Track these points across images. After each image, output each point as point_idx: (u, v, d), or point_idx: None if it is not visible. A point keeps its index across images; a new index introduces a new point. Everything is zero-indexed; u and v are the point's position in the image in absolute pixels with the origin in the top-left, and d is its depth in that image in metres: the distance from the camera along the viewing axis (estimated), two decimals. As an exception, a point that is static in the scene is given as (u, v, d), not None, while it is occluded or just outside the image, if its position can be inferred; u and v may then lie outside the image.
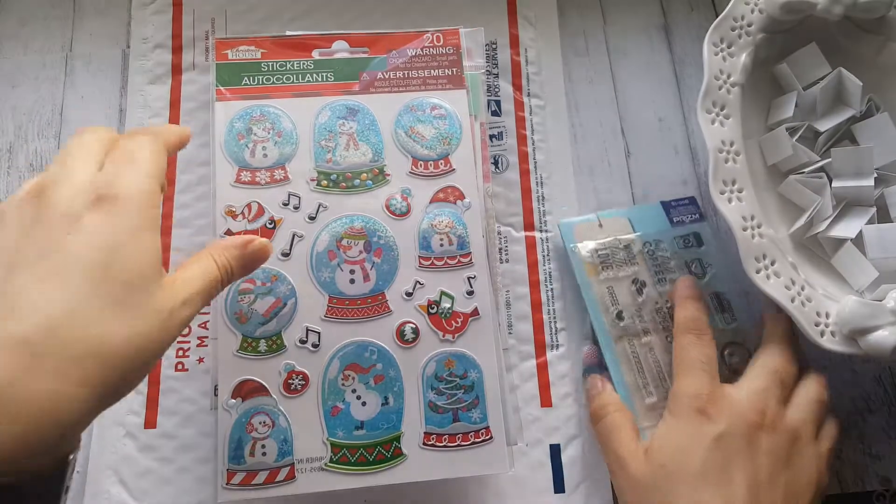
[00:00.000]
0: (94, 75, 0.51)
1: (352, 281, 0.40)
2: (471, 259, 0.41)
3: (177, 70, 0.51)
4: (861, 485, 0.44)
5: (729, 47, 0.42)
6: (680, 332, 0.40)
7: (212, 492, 0.43)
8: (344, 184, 0.41)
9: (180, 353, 0.45)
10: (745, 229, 0.39)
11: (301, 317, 0.39)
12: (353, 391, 0.38)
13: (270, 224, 0.40)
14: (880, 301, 0.39)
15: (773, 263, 0.39)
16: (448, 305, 0.40)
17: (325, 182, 0.41)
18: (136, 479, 0.43)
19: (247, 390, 0.38)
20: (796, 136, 0.44)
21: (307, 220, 0.41)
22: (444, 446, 0.38)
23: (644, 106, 0.52)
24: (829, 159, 0.44)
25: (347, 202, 0.41)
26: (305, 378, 0.38)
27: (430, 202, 0.42)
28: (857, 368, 0.47)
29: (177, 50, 0.51)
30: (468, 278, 0.40)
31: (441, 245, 0.41)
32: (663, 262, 0.46)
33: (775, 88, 0.47)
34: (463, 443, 0.38)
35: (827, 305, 0.39)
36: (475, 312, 0.40)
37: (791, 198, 0.45)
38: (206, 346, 0.45)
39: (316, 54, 0.45)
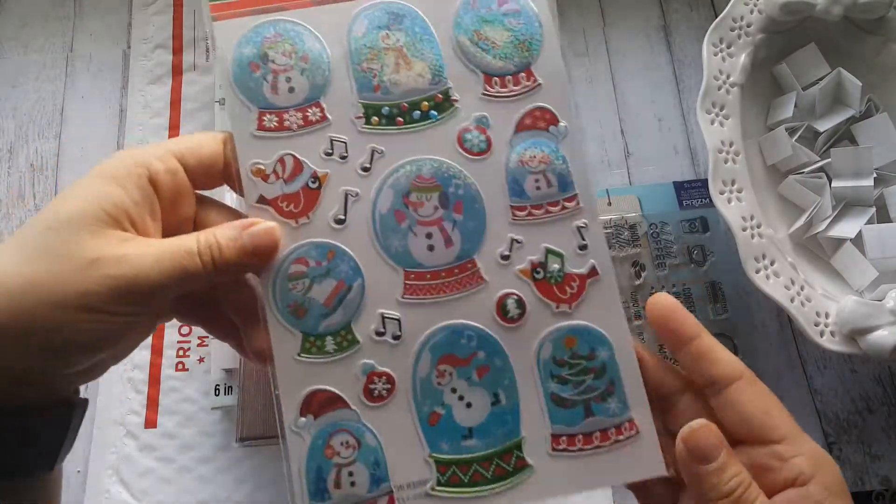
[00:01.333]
0: (94, 75, 0.51)
1: (430, 248, 0.31)
2: (577, 202, 0.32)
3: (177, 70, 0.51)
4: (861, 485, 0.44)
5: (728, 48, 0.42)
6: None
7: (212, 490, 0.43)
8: (400, 118, 0.32)
9: (181, 352, 0.45)
10: (744, 229, 0.39)
11: (373, 301, 0.30)
12: (454, 390, 0.30)
13: (314, 182, 0.31)
14: (880, 301, 0.39)
15: (772, 263, 0.39)
16: (557, 266, 0.31)
17: (376, 118, 0.32)
18: (136, 479, 0.43)
19: (319, 403, 0.30)
20: (796, 137, 0.44)
21: (360, 172, 0.31)
22: (580, 449, 0.30)
23: (644, 106, 0.52)
24: (829, 159, 0.44)
25: (408, 143, 0.32)
26: (390, 380, 0.30)
27: (516, 132, 0.32)
28: (856, 368, 0.47)
29: (177, 50, 0.51)
30: (578, 228, 0.32)
31: (538, 188, 0.32)
32: (666, 245, 0.46)
33: (775, 89, 0.47)
34: (602, 443, 0.30)
35: (826, 305, 0.39)
36: (593, 272, 0.31)
37: (791, 198, 0.45)
38: (207, 345, 0.45)
39: None
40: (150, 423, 0.44)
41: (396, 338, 0.30)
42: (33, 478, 0.27)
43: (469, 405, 0.30)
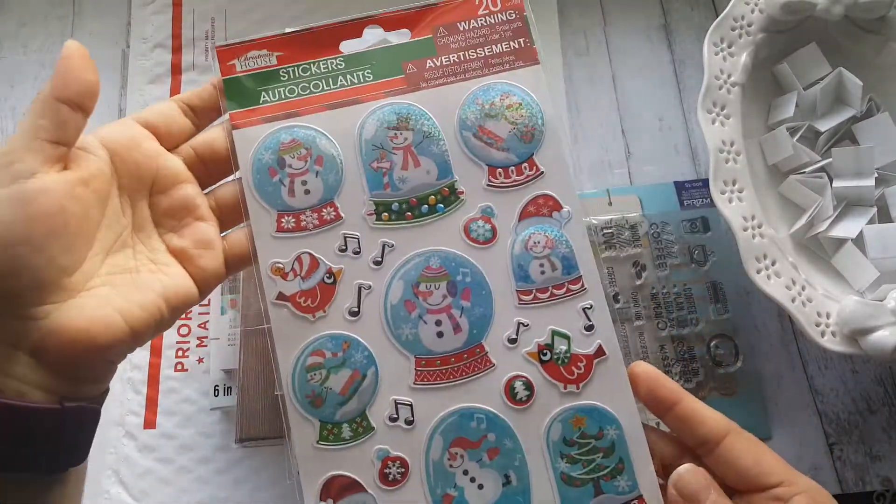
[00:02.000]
0: (93, 75, 0.51)
1: (439, 334, 0.33)
2: (582, 284, 0.33)
3: (176, 70, 0.51)
4: (861, 485, 0.44)
5: (729, 47, 0.42)
6: None
7: (211, 491, 0.43)
8: (409, 213, 0.34)
9: (180, 353, 0.45)
10: (745, 229, 0.39)
11: (386, 388, 0.32)
12: (465, 472, 0.31)
13: (329, 278, 0.33)
14: (881, 301, 0.39)
15: (773, 263, 0.39)
16: (564, 348, 0.32)
17: (386, 214, 0.34)
18: (135, 480, 0.43)
19: (337, 489, 0.31)
20: (797, 136, 0.44)
21: (372, 266, 0.33)
22: None
23: (644, 106, 0.52)
24: (830, 159, 0.44)
25: (417, 236, 0.34)
26: (404, 464, 0.31)
27: (520, 219, 0.34)
28: (857, 368, 0.47)
29: (176, 50, 0.51)
30: (583, 309, 0.33)
31: (542, 272, 0.33)
32: (667, 245, 0.46)
33: (775, 88, 0.47)
34: None
35: (828, 305, 0.39)
36: (600, 352, 0.32)
37: (792, 198, 0.45)
38: (206, 346, 0.45)
39: (345, 49, 0.36)
40: (149, 423, 0.44)
41: (409, 423, 0.32)
42: (30, 477, 0.27)
43: (481, 486, 0.31)
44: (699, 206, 0.47)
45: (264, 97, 0.35)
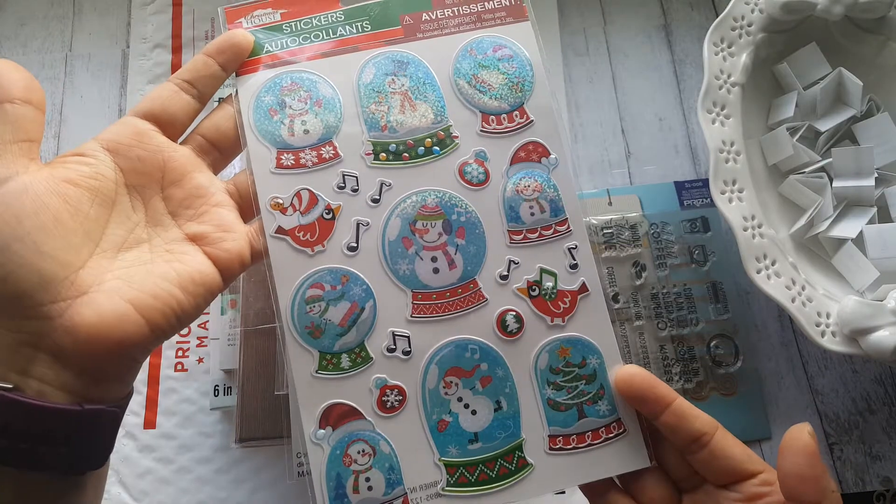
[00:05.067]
0: (93, 75, 0.51)
1: (435, 270, 0.34)
2: (568, 226, 0.35)
3: (176, 69, 0.50)
4: (861, 485, 0.44)
5: (729, 47, 0.42)
6: None
7: (210, 491, 0.43)
8: (406, 154, 0.35)
9: (180, 353, 0.45)
10: (745, 229, 0.39)
11: (384, 321, 0.33)
12: (460, 399, 0.33)
13: (328, 214, 0.34)
14: (881, 301, 0.39)
15: (773, 263, 0.39)
16: (551, 284, 0.34)
17: (384, 155, 0.35)
18: (135, 480, 0.43)
19: (336, 416, 0.32)
20: (797, 136, 0.44)
21: (370, 203, 0.34)
22: (574, 448, 0.33)
23: (644, 106, 0.52)
24: (830, 159, 0.44)
25: (414, 176, 0.35)
26: (402, 392, 0.33)
27: (511, 164, 0.36)
28: (857, 368, 0.47)
29: (176, 50, 0.51)
30: (569, 249, 0.35)
31: (532, 214, 0.35)
32: (667, 245, 0.46)
33: (776, 88, 0.47)
34: (594, 441, 0.33)
35: (828, 305, 0.39)
36: (583, 289, 0.34)
37: (792, 198, 0.45)
38: (206, 346, 0.45)
39: (343, 4, 0.38)
40: (150, 423, 0.44)
41: (406, 353, 0.33)
42: (48, 478, 0.26)
43: (474, 412, 0.33)
44: (699, 206, 0.47)
45: (267, 47, 0.36)
